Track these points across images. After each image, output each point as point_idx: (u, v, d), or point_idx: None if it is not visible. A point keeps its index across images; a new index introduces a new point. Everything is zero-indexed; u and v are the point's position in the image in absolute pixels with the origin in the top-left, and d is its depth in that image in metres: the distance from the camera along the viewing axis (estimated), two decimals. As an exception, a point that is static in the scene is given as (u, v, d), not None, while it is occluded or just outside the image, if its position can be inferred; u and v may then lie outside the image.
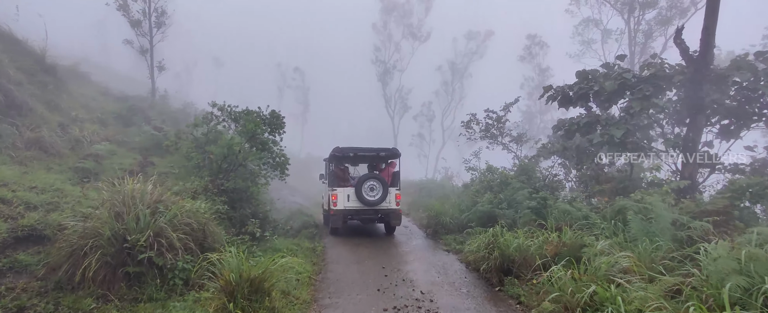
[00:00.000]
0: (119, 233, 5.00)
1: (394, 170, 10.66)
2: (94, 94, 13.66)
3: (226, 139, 6.95)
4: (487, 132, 15.22)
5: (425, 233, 11.22)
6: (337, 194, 9.70)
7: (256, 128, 7.54)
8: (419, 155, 39.43)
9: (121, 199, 5.25)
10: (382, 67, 36.87)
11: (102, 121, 10.69)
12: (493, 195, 10.43)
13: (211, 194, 7.28)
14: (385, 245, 9.60)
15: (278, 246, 7.60)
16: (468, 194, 11.79)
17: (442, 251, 9.06)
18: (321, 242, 10.00)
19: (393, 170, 10.63)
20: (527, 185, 10.54)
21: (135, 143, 10.01)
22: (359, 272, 7.19)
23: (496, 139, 15.49)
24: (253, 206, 7.72)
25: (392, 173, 10.54)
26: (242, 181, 7.58)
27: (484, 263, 6.42)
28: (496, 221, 9.33)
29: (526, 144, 15.51)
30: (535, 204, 7.45)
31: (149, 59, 15.79)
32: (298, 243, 8.58)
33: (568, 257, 5.25)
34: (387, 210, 9.92)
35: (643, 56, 19.27)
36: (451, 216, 10.86)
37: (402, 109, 39.16)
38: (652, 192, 7.21)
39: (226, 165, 7.67)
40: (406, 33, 36.58)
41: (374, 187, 9.54)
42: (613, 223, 5.98)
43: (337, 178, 10.46)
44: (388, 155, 10.35)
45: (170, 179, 8.01)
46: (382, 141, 52.60)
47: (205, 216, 5.89)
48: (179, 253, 5.25)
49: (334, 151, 10.07)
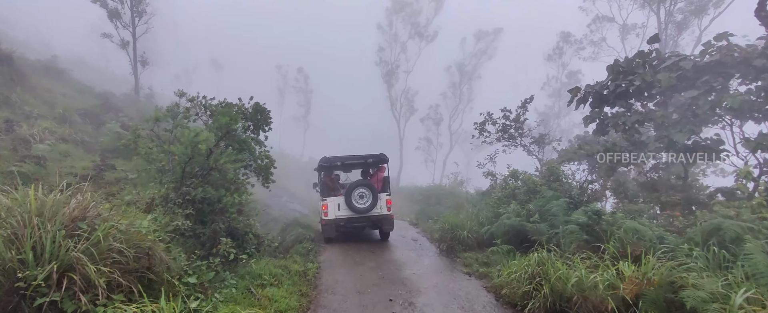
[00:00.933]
0: (9, 267, 3.45)
1: (383, 175, 10.41)
2: (69, 91, 12.25)
3: (190, 135, 5.44)
4: (504, 133, 13.61)
5: (438, 248, 9.59)
6: (327, 203, 9.64)
7: (232, 123, 6.00)
8: (426, 160, 37.78)
9: (19, 217, 3.70)
10: (386, 68, 35.35)
11: (64, 119, 9.23)
12: (519, 205, 8.80)
13: (173, 205, 5.74)
14: (391, 266, 7.99)
15: (259, 271, 6.02)
16: (488, 204, 10.17)
17: (461, 274, 7.43)
18: (315, 261, 8.42)
19: (383, 175, 10.38)
20: (559, 193, 8.92)
21: (99, 144, 8.55)
22: (360, 307, 5.59)
23: (515, 141, 13.88)
24: (227, 219, 6.16)
25: (382, 179, 10.30)
26: (214, 189, 6.03)
27: (529, 301, 4.79)
28: (527, 237, 7.75)
29: (548, 146, 13.89)
30: (586, 219, 5.82)
31: (131, 53, 14.31)
32: (285, 265, 6.99)
33: (655, 300, 3.64)
34: (379, 216, 9.76)
35: (676, 49, 17.65)
36: (470, 229, 9.24)
37: (408, 111, 37.58)
38: (738, 204, 5.56)
39: (195, 169, 6.15)
40: (413, 33, 35.10)
41: (364, 194, 9.46)
42: (707, 249, 4.33)
43: (327, 187, 10.29)
44: (376, 161, 10.09)
45: (129, 186, 6.49)
46: (386, 145, 51.14)
47: (150, 237, 4.32)
48: (102, 293, 3.68)
49: (321, 161, 9.96)
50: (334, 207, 9.64)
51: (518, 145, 13.95)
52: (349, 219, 9.68)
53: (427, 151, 37.59)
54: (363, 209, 9.45)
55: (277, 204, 19.59)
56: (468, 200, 14.97)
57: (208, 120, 6.94)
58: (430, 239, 11.19)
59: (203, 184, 5.96)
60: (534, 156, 13.66)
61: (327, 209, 9.65)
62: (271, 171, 7.47)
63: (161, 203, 5.63)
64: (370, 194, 9.50)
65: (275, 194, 21.18)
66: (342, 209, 9.62)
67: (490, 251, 7.84)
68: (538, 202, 8.50)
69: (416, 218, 15.65)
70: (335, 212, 9.65)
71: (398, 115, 37.43)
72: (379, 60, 35.60)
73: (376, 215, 9.73)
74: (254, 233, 7.35)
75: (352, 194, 9.44)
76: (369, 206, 9.49)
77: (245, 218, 7.30)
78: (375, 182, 10.13)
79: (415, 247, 10.04)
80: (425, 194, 21.95)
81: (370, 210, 9.55)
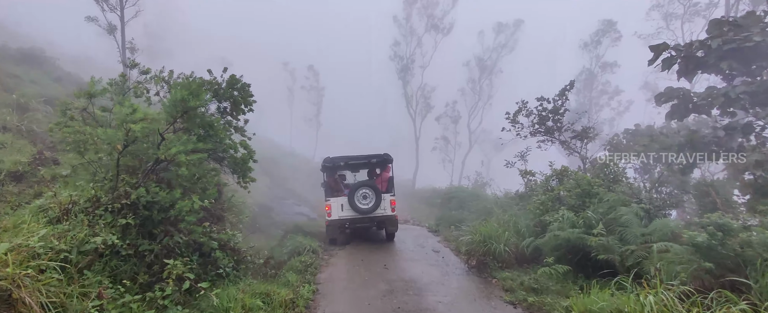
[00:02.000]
0: None
1: (389, 175, 10.37)
2: (44, 79, 10.87)
3: (124, 113, 3.82)
4: (541, 125, 11.66)
5: (466, 264, 7.74)
6: (330, 204, 9.63)
7: (192, 100, 4.32)
8: (444, 160, 35.69)
9: None
10: (401, 63, 33.54)
11: (19, 107, 7.79)
12: (572, 213, 6.88)
13: (106, 213, 4.10)
14: (410, 290, 6.20)
15: (225, 304, 4.30)
16: (528, 210, 8.26)
17: (502, 304, 5.57)
18: (313, 281, 6.69)
19: (388, 176, 10.34)
20: (625, 197, 6.99)
21: (50, 134, 7.08)
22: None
23: (552, 135, 11.91)
24: (185, 232, 4.49)
25: (387, 179, 10.25)
26: (167, 190, 4.36)
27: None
28: (588, 255, 5.85)
29: (592, 142, 11.85)
30: (704, 240, 3.86)
31: (119, 38, 12.90)
32: (269, 291, 5.25)
33: None
34: (382, 217, 9.71)
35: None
36: (506, 241, 7.36)
37: (424, 109, 35.63)
38: None
39: (144, 163, 4.52)
40: (429, 25, 33.18)
41: (367, 195, 9.37)
42: None
43: (330, 188, 10.15)
44: (380, 161, 10.09)
45: (59, 185, 4.89)
46: (402, 146, 49.46)
47: (13, 271, 2.64)
48: None
49: (325, 161, 9.96)
50: (338, 208, 9.58)
51: (556, 140, 11.97)
52: (352, 220, 9.62)
53: (445, 151, 35.48)
54: (366, 210, 9.31)
55: (281, 208, 18.02)
56: (497, 204, 13.04)
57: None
58: (455, 251, 9.36)
59: (151, 182, 4.31)
60: (575, 153, 11.66)
61: (330, 210, 9.61)
62: (249, 166, 5.78)
63: (87, 209, 4.01)
64: (373, 194, 9.35)
65: (280, 196, 19.66)
66: (345, 209, 9.53)
67: (540, 273, 5.96)
68: (599, 208, 6.58)
69: (436, 224, 13.78)
70: (339, 213, 9.59)
71: (414, 114, 35.54)
72: (394, 55, 33.75)
73: (380, 215, 9.62)
74: (233, 246, 5.66)
75: (355, 194, 9.31)
76: (372, 206, 9.32)
77: (220, 227, 5.60)
78: (380, 183, 9.99)
79: (438, 261, 8.22)
80: (445, 196, 20.03)
81: (374, 211, 9.41)
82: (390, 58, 34.01)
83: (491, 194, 17.83)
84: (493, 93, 36.35)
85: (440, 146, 35.16)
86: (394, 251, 9.27)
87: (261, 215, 14.25)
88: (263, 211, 15.31)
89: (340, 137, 48.93)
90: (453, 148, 35.58)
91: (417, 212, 22.87)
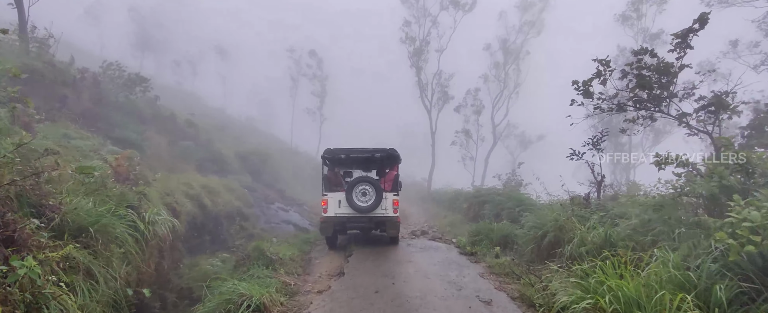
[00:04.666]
0: None
1: (396, 173, 9.54)
2: None
3: None
4: (643, 89, 7.39)
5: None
6: (327, 199, 8.84)
7: None
8: (464, 158, 31.19)
9: None
10: (413, 46, 29.28)
11: None
12: None
13: None
14: None
15: None
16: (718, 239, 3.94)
17: None
18: None
19: (395, 174, 9.51)
20: None
21: None
22: None
23: (658, 106, 7.61)
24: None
25: (393, 178, 9.42)
26: None
27: None
28: None
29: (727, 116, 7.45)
30: None
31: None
32: None
33: None
34: (382, 218, 8.81)
35: None
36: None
37: (441, 100, 31.33)
38: None
39: None
40: (446, 2, 28.85)
41: (366, 192, 8.61)
42: None
43: (330, 182, 9.54)
44: (384, 157, 9.36)
45: None
46: (416, 142, 45.04)
47: None
48: None
49: (325, 152, 9.33)
50: (335, 204, 8.86)
51: (666, 115, 7.63)
52: (349, 218, 8.86)
53: (466, 147, 30.99)
54: (365, 208, 8.59)
55: (264, 214, 14.02)
56: (563, 213, 8.80)
57: None
58: (517, 297, 5.20)
59: None
60: (703, 134, 7.32)
61: (327, 205, 8.88)
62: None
63: None
64: (373, 191, 8.64)
65: (266, 198, 15.72)
66: (343, 206, 8.80)
67: None
68: None
69: (470, 241, 9.59)
70: (335, 209, 8.85)
71: (429, 104, 31.28)
72: (406, 37, 29.50)
73: (380, 216, 8.84)
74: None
75: (353, 189, 8.62)
76: (371, 204, 8.58)
77: None
78: (386, 181, 9.45)
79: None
80: (474, 199, 15.74)
81: (373, 210, 8.65)
82: (401, 40, 29.80)
83: (538, 197, 13.48)
84: (520, 81, 31.85)
85: (460, 141, 30.74)
86: (409, 297, 5.13)
87: (217, 229, 10.32)
88: (228, 221, 11.34)
89: (347, 133, 44.92)
90: (475, 143, 31.11)
91: (436, 219, 18.57)
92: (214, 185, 12.75)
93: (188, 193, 10.76)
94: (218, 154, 16.09)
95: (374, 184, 8.70)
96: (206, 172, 14.72)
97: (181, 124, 15.16)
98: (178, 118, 15.85)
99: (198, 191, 11.44)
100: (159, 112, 14.20)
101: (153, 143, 12.23)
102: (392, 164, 9.77)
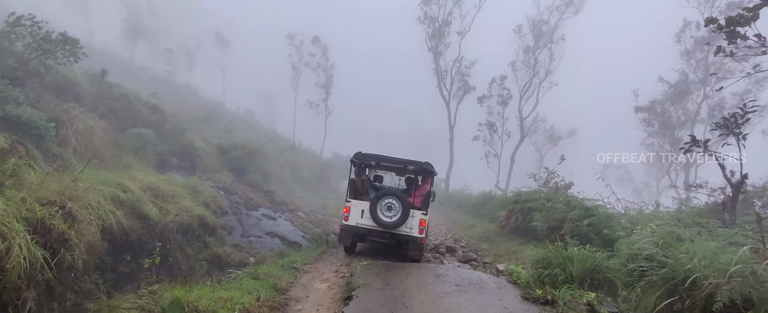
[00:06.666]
0: None
1: (428, 188, 8.69)
2: None
3: None
4: None
5: None
6: (349, 207, 8.24)
7: None
8: (488, 154, 27.35)
9: None
10: (432, 27, 25.63)
11: None
12: None
13: None
14: None
15: None
16: None
17: None
18: None
19: (427, 189, 8.64)
20: None
21: None
22: None
23: None
24: None
25: (425, 193, 8.49)
26: None
27: None
28: None
29: None
30: None
31: None
32: None
33: None
34: (406, 237, 7.92)
35: None
36: None
37: (461, 89, 27.61)
38: None
39: None
40: (470, -22, 25.19)
41: (392, 206, 7.91)
42: None
43: (355, 188, 8.73)
44: (417, 170, 8.75)
45: None
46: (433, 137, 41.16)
47: None
48: None
49: (355, 155, 8.55)
50: (358, 213, 8.12)
51: None
52: (370, 230, 8.10)
53: (490, 143, 27.16)
54: (388, 224, 7.78)
55: (242, 223, 10.64)
56: (665, 227, 5.23)
57: None
58: None
59: None
60: None
61: (348, 213, 8.17)
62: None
63: None
64: (399, 207, 7.81)
65: (247, 202, 12.30)
66: (365, 217, 8.05)
67: None
68: None
69: (536, 274, 6.07)
70: (357, 219, 8.11)
71: (448, 95, 27.60)
72: (424, 16, 25.84)
73: (404, 234, 7.88)
74: None
75: (378, 202, 7.87)
76: (396, 221, 7.74)
77: None
78: (416, 196, 8.50)
79: None
80: (514, 206, 12.10)
81: (397, 227, 7.78)
82: (418, 20, 26.15)
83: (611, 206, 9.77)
84: (552, 69, 27.89)
85: (483, 135, 26.97)
86: None
87: (165, 248, 6.92)
88: (186, 236, 7.94)
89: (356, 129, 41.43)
90: (500, 138, 27.28)
91: (461, 228, 14.95)
92: (168, 187, 9.44)
93: (119, 198, 7.45)
94: (189, 147, 12.78)
95: (402, 199, 7.93)
96: (168, 168, 11.47)
97: (140, 108, 11.90)
98: (138, 103, 12.58)
99: (137, 195, 8.11)
100: (106, 91, 10.92)
101: (82, 129, 8.94)
102: (425, 178, 8.96)
